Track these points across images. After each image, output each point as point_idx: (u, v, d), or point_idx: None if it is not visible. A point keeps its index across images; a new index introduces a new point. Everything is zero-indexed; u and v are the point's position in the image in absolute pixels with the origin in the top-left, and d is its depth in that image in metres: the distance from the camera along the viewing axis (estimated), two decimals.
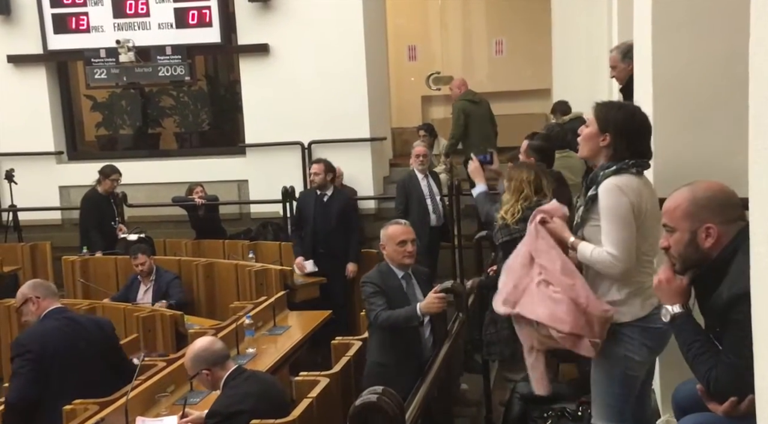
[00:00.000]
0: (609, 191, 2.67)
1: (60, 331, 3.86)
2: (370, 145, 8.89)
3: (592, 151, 2.79)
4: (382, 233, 4.09)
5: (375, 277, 4.03)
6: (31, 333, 3.91)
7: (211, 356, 3.47)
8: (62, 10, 8.91)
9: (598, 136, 2.75)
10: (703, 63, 3.23)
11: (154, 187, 8.88)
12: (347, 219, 6.78)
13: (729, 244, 2.17)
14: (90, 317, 4.24)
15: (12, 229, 8.65)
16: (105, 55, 8.87)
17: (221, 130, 10.60)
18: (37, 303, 3.93)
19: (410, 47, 11.93)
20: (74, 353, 3.82)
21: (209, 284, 6.75)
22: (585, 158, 2.91)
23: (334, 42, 8.65)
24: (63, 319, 3.93)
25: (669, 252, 2.31)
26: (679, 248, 2.26)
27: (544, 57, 9.54)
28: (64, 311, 4.01)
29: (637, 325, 2.75)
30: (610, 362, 2.81)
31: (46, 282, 4.16)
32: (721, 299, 2.12)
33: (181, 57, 8.81)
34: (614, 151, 2.72)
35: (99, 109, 10.57)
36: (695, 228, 2.21)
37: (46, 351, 3.76)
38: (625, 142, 2.71)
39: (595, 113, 2.79)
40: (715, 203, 2.20)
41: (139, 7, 8.81)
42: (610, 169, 2.70)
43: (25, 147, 9.11)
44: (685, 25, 3.24)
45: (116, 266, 7.03)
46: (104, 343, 4.00)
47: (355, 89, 8.72)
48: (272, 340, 5.04)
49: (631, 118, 2.76)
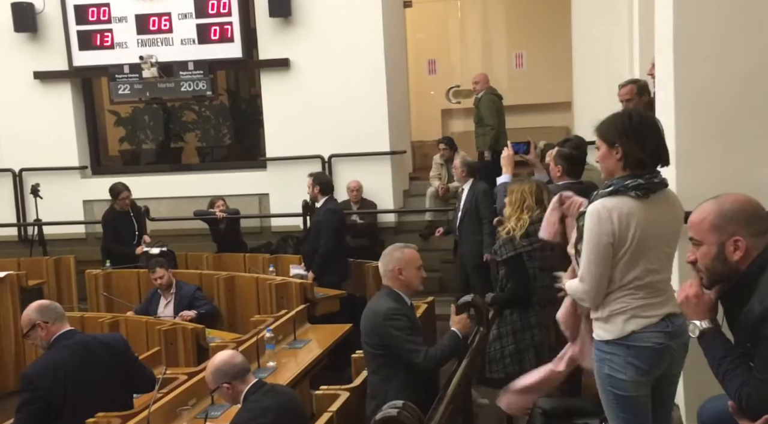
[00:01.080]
0: (591, 215, 2.66)
1: (71, 359, 3.67)
2: (390, 159, 8.91)
3: (608, 170, 2.76)
4: (397, 257, 3.73)
5: (402, 307, 3.63)
6: (41, 366, 3.69)
7: (232, 370, 3.48)
8: (87, 27, 9.06)
9: (610, 153, 2.72)
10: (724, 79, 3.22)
11: (176, 201, 8.96)
12: (318, 233, 6.69)
13: (758, 257, 2.14)
14: (99, 338, 3.95)
15: (37, 243, 8.77)
16: (128, 71, 9.00)
17: (242, 145, 10.69)
18: (46, 329, 3.73)
19: (430, 61, 11.96)
20: (87, 379, 3.66)
21: (230, 298, 6.77)
22: (608, 179, 2.83)
23: (354, 56, 8.70)
24: (74, 344, 3.73)
25: (696, 266, 2.27)
26: (706, 261, 2.23)
27: (565, 70, 9.51)
28: (74, 335, 3.82)
29: (621, 343, 2.71)
30: (600, 382, 2.80)
31: (53, 304, 3.88)
32: (752, 314, 2.09)
33: (203, 72, 8.91)
34: (629, 157, 2.68)
35: (122, 124, 10.71)
36: (723, 241, 2.18)
37: (57, 384, 3.59)
38: (636, 145, 2.67)
39: (599, 134, 2.78)
40: (743, 216, 2.17)
41: (162, 23, 8.94)
42: (606, 190, 2.68)
43: (50, 162, 9.25)
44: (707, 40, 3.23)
45: (138, 280, 7.09)
46: (116, 363, 3.82)
47: (375, 103, 8.76)
48: (292, 353, 5.04)
49: (628, 120, 2.75)
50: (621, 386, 2.71)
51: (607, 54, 8.03)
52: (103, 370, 3.73)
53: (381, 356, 3.63)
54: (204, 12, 8.87)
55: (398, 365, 3.58)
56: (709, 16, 3.26)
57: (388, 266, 3.73)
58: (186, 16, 8.89)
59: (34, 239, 8.81)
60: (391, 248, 3.83)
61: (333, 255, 6.56)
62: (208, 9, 8.86)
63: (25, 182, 9.21)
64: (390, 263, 3.73)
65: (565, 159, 4.32)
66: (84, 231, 9.34)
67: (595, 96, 8.05)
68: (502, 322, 4.23)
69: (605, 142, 2.74)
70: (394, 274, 3.72)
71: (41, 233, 8.79)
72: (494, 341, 4.19)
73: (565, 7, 9.21)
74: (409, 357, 3.55)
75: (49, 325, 3.73)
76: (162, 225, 8.59)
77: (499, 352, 4.18)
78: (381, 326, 3.59)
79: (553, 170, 4.43)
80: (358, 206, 8.55)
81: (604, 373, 2.75)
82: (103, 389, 3.71)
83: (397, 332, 3.55)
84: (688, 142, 3.20)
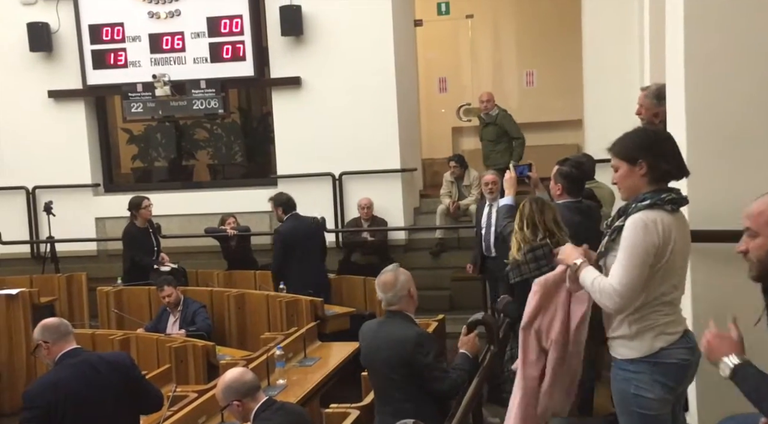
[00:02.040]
0: (635, 225, 2.62)
1: (74, 378, 3.63)
2: (401, 176, 8.93)
3: (631, 188, 2.72)
4: (404, 280, 3.69)
5: (424, 331, 3.68)
6: (41, 385, 3.67)
7: (242, 387, 3.47)
8: (101, 46, 9.16)
9: (633, 170, 2.70)
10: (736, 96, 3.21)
11: (188, 218, 9.00)
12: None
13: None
14: (105, 357, 3.88)
15: (49, 260, 8.81)
16: (142, 90, 9.08)
17: (253, 162, 10.74)
18: (48, 348, 3.69)
19: (441, 79, 12.00)
20: (89, 398, 3.62)
21: (240, 315, 6.77)
22: (630, 199, 2.77)
23: (365, 75, 8.75)
24: (78, 363, 3.69)
25: (747, 256, 2.24)
26: (760, 253, 2.20)
27: (576, 88, 9.51)
28: (79, 353, 3.75)
29: (647, 360, 2.67)
30: (624, 404, 2.73)
31: (57, 322, 3.81)
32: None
33: (215, 90, 8.98)
34: (656, 171, 2.67)
35: (135, 142, 10.79)
36: None
37: (57, 403, 3.54)
38: (661, 158, 2.67)
39: (617, 153, 2.74)
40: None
41: (175, 42, 9.03)
42: (644, 203, 2.65)
43: (63, 179, 9.31)
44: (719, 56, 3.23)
45: (149, 297, 7.11)
46: (120, 381, 3.75)
47: (386, 121, 8.79)
48: (303, 371, 5.03)
49: (646, 134, 2.75)
50: (647, 406, 2.67)
51: (618, 72, 8.04)
52: (108, 389, 3.67)
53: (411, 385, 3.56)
54: (216, 31, 8.95)
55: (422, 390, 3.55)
56: (720, 32, 3.26)
57: (402, 291, 3.66)
58: (199, 35, 8.98)
59: (47, 256, 8.86)
60: (388, 274, 3.72)
61: (283, 271, 6.82)
62: (220, 28, 8.95)
63: (39, 200, 9.28)
64: (403, 288, 3.67)
65: (564, 177, 4.33)
66: (96, 248, 9.39)
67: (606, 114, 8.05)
68: (515, 343, 4.18)
69: (625, 161, 2.71)
70: (407, 296, 3.68)
71: (54, 250, 8.84)
72: (508, 361, 4.13)
73: (575, 26, 9.23)
74: (433, 384, 3.53)
75: (50, 345, 3.68)
76: (173, 242, 8.61)
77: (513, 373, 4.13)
78: (410, 354, 3.54)
79: (553, 189, 4.44)
80: (368, 224, 8.55)
81: (629, 393, 2.69)
82: (106, 408, 3.65)
83: (428, 361, 3.53)
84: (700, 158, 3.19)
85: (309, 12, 8.82)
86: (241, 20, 8.90)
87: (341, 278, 7.49)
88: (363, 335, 3.83)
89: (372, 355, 3.70)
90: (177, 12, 9.00)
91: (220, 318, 6.80)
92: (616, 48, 8.10)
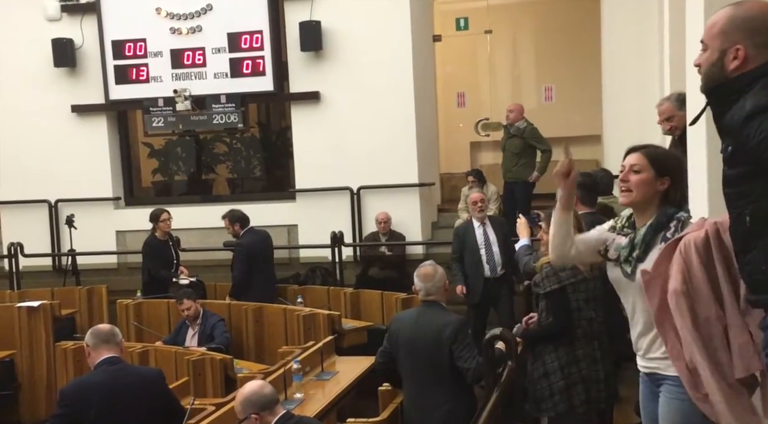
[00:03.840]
0: None
1: (106, 382, 3.81)
2: (419, 191, 8.94)
3: (647, 196, 2.71)
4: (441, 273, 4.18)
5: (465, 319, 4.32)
6: (76, 384, 3.95)
7: (261, 400, 3.48)
8: (124, 61, 9.29)
9: (655, 181, 2.69)
10: None
11: (207, 232, 9.06)
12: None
13: (753, 70, 2.00)
14: (138, 369, 4.17)
15: (71, 272, 8.90)
16: (163, 104, 9.19)
17: (272, 176, 10.80)
18: (89, 352, 3.93)
19: (459, 94, 12.03)
20: (118, 404, 3.78)
21: (258, 329, 6.79)
22: (635, 205, 2.77)
23: (383, 89, 8.79)
24: (112, 370, 3.87)
25: (699, 70, 2.16)
26: (706, 66, 2.11)
27: (595, 103, 9.50)
28: (116, 362, 3.92)
29: None
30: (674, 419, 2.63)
31: (104, 329, 4.05)
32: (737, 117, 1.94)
33: (235, 105, 9.06)
34: (677, 193, 2.69)
35: (156, 156, 10.89)
36: (725, 48, 2.05)
37: (86, 403, 3.74)
38: (681, 182, 2.72)
39: (649, 158, 2.73)
40: (751, 25, 2.03)
41: (196, 58, 9.14)
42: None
43: (85, 193, 9.42)
44: None
45: (169, 310, 7.15)
46: (149, 397, 3.92)
47: (404, 136, 8.82)
48: (320, 385, 5.02)
49: (676, 156, 2.81)
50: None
51: (637, 87, 8.01)
52: (137, 398, 3.84)
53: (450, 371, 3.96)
54: (237, 47, 9.05)
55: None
56: None
57: (439, 282, 4.10)
58: (219, 50, 9.08)
59: (68, 269, 8.95)
60: (428, 267, 4.16)
61: (248, 281, 7.20)
62: (241, 44, 9.05)
63: (61, 213, 9.39)
64: (441, 279, 4.11)
65: (579, 187, 4.29)
66: (116, 261, 9.47)
67: (625, 129, 8.02)
68: (549, 357, 4.05)
69: (653, 167, 2.70)
70: (443, 289, 4.13)
71: (75, 262, 8.93)
72: (541, 378, 4.01)
73: (594, 40, 9.23)
74: (466, 363, 3.90)
75: (90, 349, 3.92)
76: (192, 255, 8.67)
77: (547, 389, 3.98)
78: (454, 335, 3.94)
79: None
80: (386, 238, 8.56)
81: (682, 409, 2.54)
82: (136, 414, 3.81)
83: (466, 342, 3.94)
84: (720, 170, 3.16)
85: (328, 27, 8.89)
86: (261, 36, 8.99)
87: (359, 292, 7.50)
88: (400, 324, 4.17)
89: (414, 341, 4.03)
90: (198, 28, 9.11)
91: (238, 331, 6.82)
92: (636, 63, 8.08)
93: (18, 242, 8.80)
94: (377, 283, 7.98)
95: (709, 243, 2.26)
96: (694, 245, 2.28)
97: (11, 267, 8.69)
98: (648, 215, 2.74)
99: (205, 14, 9.10)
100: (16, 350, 6.87)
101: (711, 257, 2.25)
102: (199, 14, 9.11)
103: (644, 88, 7.77)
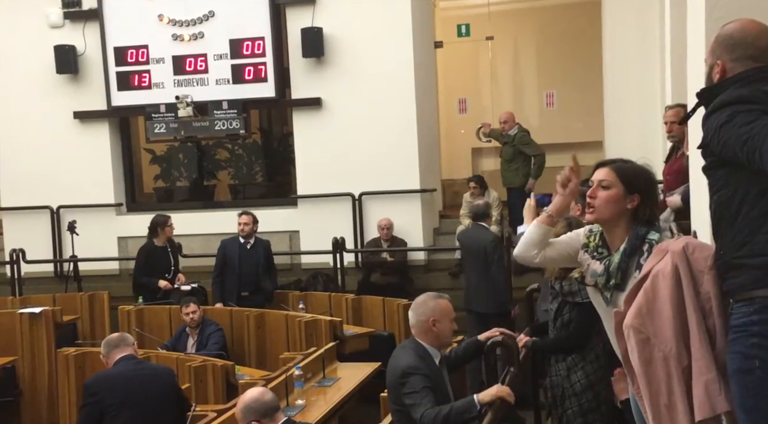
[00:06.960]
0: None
1: (125, 373, 4.31)
2: (420, 197, 8.94)
3: (615, 213, 2.64)
4: (432, 307, 3.57)
5: (422, 365, 3.43)
6: (98, 376, 4.45)
7: (262, 407, 3.48)
8: (126, 68, 9.31)
9: (625, 198, 2.63)
10: None
11: (208, 238, 9.04)
12: (270, 264, 7.55)
13: (730, 77, 2.16)
14: (153, 367, 4.77)
15: (72, 278, 8.90)
16: (165, 111, 9.20)
17: (274, 182, 10.81)
18: (105, 361, 4.44)
19: (461, 100, 12.05)
20: (134, 398, 4.21)
21: (260, 335, 6.78)
22: (603, 223, 2.69)
23: (385, 96, 8.81)
24: (130, 364, 4.37)
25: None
26: (705, 79, 2.30)
27: (596, 109, 9.50)
28: (132, 358, 4.43)
29: None
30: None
31: (114, 337, 4.57)
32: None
33: (236, 111, 9.08)
34: (647, 211, 2.64)
35: (157, 162, 10.91)
36: (711, 63, 2.24)
37: (106, 394, 4.21)
38: (652, 199, 2.69)
39: (618, 173, 2.66)
40: (729, 42, 2.20)
41: (198, 64, 9.16)
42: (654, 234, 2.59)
43: (87, 199, 9.43)
44: None
45: (170, 316, 7.14)
46: (164, 390, 4.38)
47: (406, 142, 8.83)
48: (321, 391, 5.02)
49: (649, 174, 2.74)
50: None
51: (639, 93, 8.02)
52: (152, 389, 4.30)
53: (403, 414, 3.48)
54: (239, 53, 9.07)
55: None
56: None
57: (422, 317, 3.55)
58: (221, 56, 9.10)
59: (70, 275, 8.95)
60: (424, 296, 3.67)
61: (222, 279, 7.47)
62: (242, 50, 9.07)
63: (63, 219, 9.39)
64: (424, 313, 3.56)
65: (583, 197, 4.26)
66: (118, 267, 9.46)
67: (626, 135, 8.03)
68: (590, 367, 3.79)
69: (623, 184, 2.63)
70: (427, 325, 3.55)
71: (77, 269, 8.92)
72: (586, 390, 3.75)
73: (596, 47, 9.24)
74: (412, 411, 3.38)
75: (105, 357, 4.43)
76: (194, 262, 8.67)
77: (594, 401, 3.75)
78: (396, 384, 3.46)
79: (573, 210, 4.38)
80: (388, 244, 8.56)
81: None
82: (150, 404, 4.25)
83: (410, 389, 3.38)
84: None
85: (330, 34, 8.91)
86: (263, 42, 9.01)
87: (360, 298, 7.50)
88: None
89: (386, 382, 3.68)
90: (200, 34, 9.13)
91: (240, 338, 6.82)
92: (637, 69, 8.08)
93: (20, 248, 8.79)
94: (379, 289, 7.98)
95: (677, 273, 2.22)
96: (662, 278, 2.24)
97: (13, 273, 8.68)
98: (617, 233, 2.67)
99: (207, 21, 9.13)
100: (18, 357, 6.87)
101: (680, 288, 2.21)
102: (201, 21, 9.13)
103: (646, 94, 7.78)
